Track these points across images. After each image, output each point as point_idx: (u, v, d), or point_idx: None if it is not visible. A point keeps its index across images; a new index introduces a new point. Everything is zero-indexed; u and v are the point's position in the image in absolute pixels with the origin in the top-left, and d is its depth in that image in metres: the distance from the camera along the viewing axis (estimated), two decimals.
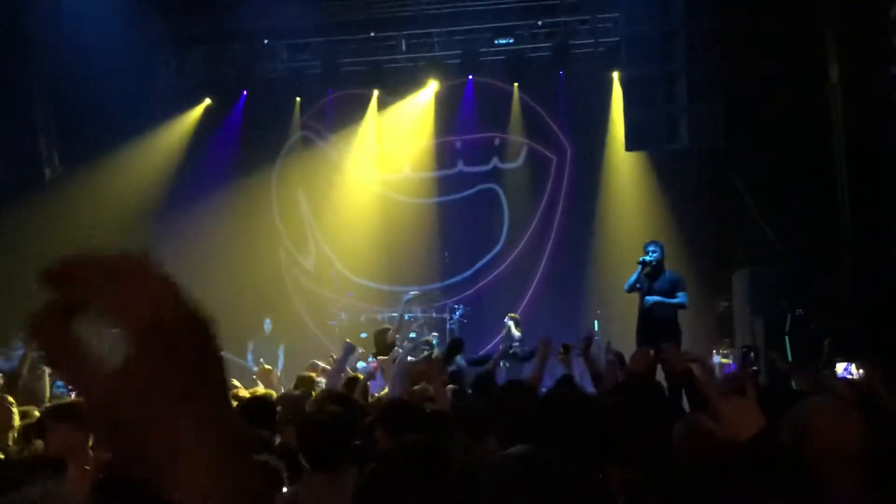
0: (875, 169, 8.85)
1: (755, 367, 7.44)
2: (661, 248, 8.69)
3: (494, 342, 13.35)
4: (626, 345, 9.24)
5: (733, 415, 2.51)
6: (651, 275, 8.55)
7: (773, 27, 9.21)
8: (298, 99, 14.54)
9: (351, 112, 14.43)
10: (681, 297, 8.52)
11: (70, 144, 12.77)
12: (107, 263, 0.64)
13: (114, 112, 12.21)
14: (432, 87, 14.09)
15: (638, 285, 8.68)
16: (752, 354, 4.62)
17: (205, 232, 14.07)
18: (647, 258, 8.58)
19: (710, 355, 10.72)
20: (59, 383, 8.32)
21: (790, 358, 9.31)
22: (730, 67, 9.44)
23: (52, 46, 11.81)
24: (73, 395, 6.67)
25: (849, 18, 9.01)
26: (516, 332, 11.10)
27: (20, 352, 10.43)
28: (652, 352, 4.87)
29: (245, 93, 14.37)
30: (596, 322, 11.90)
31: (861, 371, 6.69)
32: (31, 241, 12.32)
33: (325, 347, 13.08)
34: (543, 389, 4.89)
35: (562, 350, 5.61)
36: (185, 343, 0.64)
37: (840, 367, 7.35)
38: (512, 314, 11.23)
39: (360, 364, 11.84)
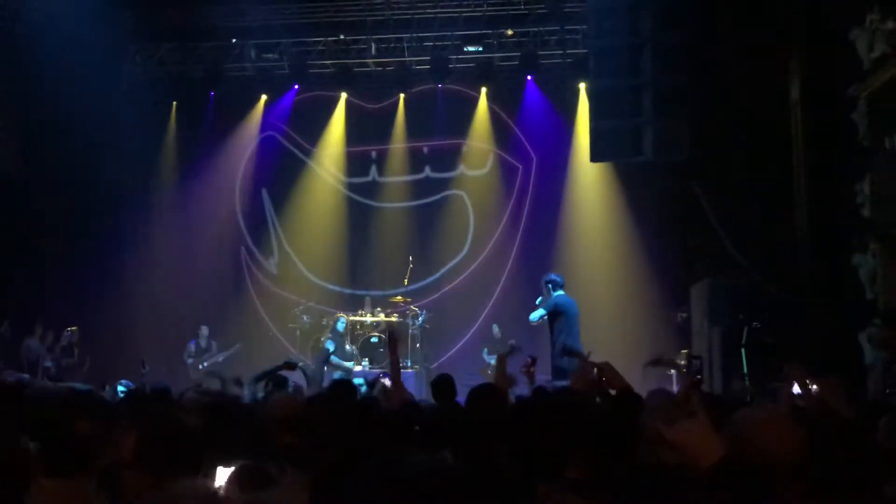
0: (833, 185, 9.05)
1: (699, 377, 7.52)
2: (544, 283, 9.19)
3: (456, 348, 13.39)
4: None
5: (689, 441, 2.50)
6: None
7: (739, 44, 9.38)
8: (264, 98, 14.44)
9: (318, 113, 14.38)
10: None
11: (33, 139, 12.54)
12: None
13: (79, 105, 12.00)
14: (401, 93, 14.12)
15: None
16: (697, 363, 4.61)
17: (169, 232, 13.95)
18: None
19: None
20: None
21: (745, 370, 9.45)
22: (696, 82, 9.58)
23: (14, 37, 11.59)
24: None
25: (811, 37, 9.22)
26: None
27: None
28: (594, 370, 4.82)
29: (213, 94, 14.23)
30: None
31: (815, 386, 6.79)
32: None
33: (286, 350, 13.01)
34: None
35: (529, 362, 5.54)
36: None
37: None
38: None
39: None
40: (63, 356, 12.37)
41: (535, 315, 9.15)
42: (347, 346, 12.45)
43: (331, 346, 11.91)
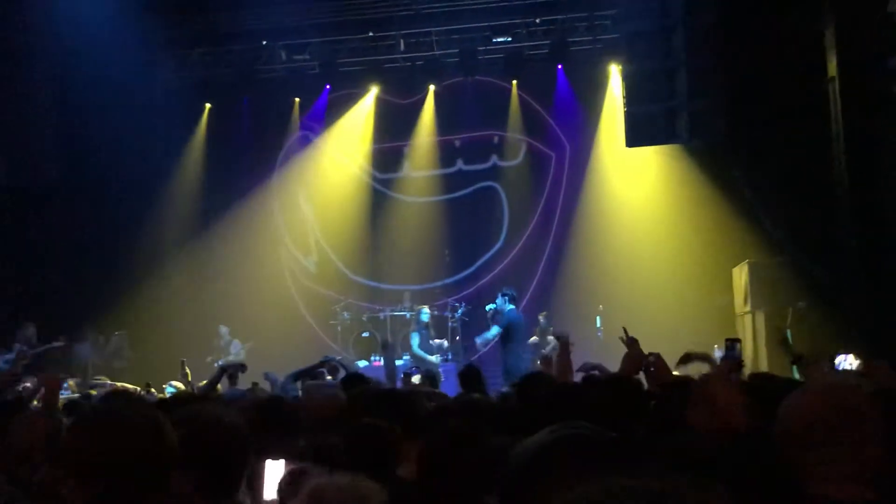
0: (874, 160, 8.87)
1: (741, 361, 7.43)
2: (501, 295, 10.29)
3: (496, 340, 13.36)
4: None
5: (720, 398, 2.51)
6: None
7: (772, 20, 9.23)
8: (297, 99, 14.56)
9: (350, 111, 14.45)
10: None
11: (73, 149, 12.79)
12: None
13: (116, 114, 12.23)
14: (432, 87, 14.12)
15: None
16: (737, 347, 4.42)
17: (208, 235, 14.14)
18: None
19: (711, 350, 10.75)
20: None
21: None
22: (729, 61, 9.46)
23: (51, 48, 11.82)
24: None
25: (847, 11, 9.04)
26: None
27: (11, 355, 10.66)
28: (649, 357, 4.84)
29: (246, 99, 14.38)
30: (598, 317, 11.93)
31: (858, 361, 6.69)
32: (34, 247, 12.39)
33: (327, 347, 13.13)
34: None
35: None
36: None
37: (839, 359, 7.33)
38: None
39: (362, 363, 11.90)
40: (113, 359, 12.65)
41: (492, 333, 10.18)
42: (435, 341, 12.15)
43: (416, 339, 11.68)
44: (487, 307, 10.53)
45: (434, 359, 11.45)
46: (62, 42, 11.60)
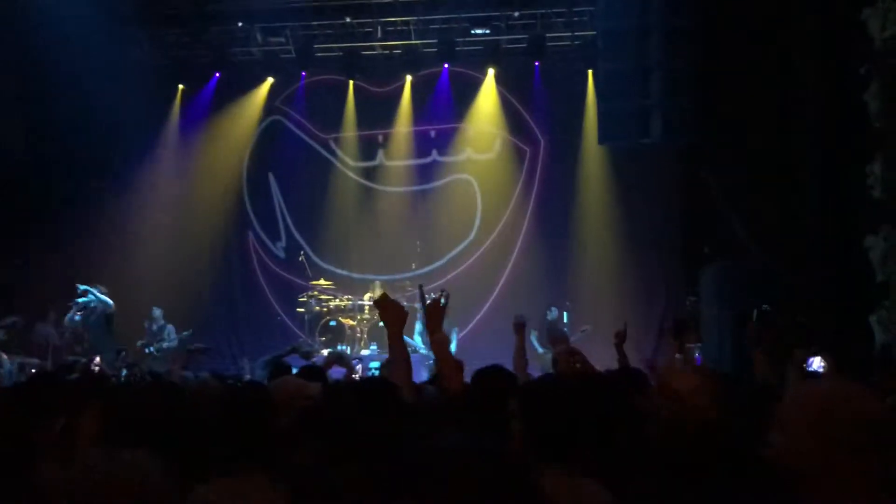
0: (844, 166, 8.98)
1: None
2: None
3: (464, 332, 13.40)
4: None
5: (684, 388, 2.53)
6: None
7: (748, 25, 9.29)
8: (271, 81, 14.39)
9: (325, 97, 14.31)
10: None
11: (41, 129, 12.55)
12: None
13: (86, 94, 12.00)
14: (407, 76, 14.03)
15: None
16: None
17: (174, 215, 13.97)
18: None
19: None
20: None
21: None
22: (704, 63, 9.51)
23: (19, 26, 11.57)
24: None
25: (822, 18, 9.12)
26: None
27: None
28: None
29: (217, 74, 14.19)
30: (565, 313, 11.96)
31: (824, 364, 6.77)
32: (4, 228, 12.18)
33: (294, 335, 13.06)
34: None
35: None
36: None
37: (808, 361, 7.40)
38: None
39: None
40: (74, 340, 12.44)
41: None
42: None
43: (419, 325, 11.59)
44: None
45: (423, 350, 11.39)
46: (33, 19, 11.35)
